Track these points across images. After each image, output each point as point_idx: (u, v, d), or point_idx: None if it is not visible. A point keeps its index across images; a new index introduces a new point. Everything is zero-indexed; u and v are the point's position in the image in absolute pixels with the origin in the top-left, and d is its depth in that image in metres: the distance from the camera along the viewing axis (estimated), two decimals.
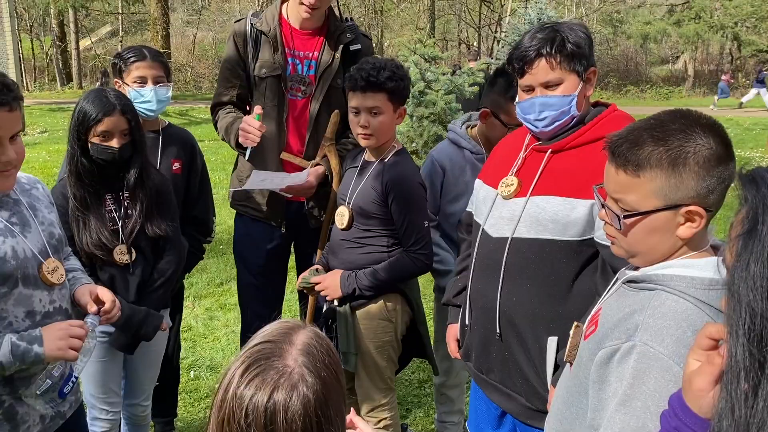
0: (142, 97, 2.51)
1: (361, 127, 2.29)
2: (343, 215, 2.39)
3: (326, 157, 2.61)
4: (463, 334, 2.11)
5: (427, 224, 2.35)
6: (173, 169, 2.65)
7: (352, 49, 2.65)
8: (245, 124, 2.54)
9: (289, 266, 2.99)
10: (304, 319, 2.67)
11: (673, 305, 1.19)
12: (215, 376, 3.68)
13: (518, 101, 1.88)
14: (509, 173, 1.93)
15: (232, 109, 2.73)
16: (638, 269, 1.32)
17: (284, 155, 2.67)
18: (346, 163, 2.59)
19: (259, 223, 2.80)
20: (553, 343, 1.81)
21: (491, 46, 26.14)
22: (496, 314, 1.90)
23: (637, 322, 1.21)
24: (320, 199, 2.70)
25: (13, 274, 1.63)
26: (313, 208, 2.73)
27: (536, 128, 1.85)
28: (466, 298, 2.06)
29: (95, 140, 2.15)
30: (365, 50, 2.70)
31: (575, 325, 1.49)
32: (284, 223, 2.77)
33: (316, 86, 2.64)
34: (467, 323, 2.05)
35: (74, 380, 1.76)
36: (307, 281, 2.48)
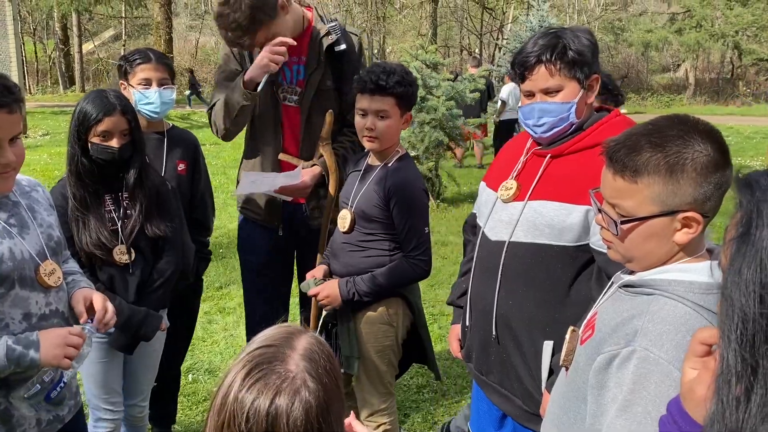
0: (146, 98, 2.52)
1: (367, 129, 2.30)
2: (345, 218, 2.39)
3: (323, 157, 2.62)
4: (464, 335, 2.13)
5: (427, 230, 2.35)
6: (178, 170, 2.65)
7: (336, 50, 2.64)
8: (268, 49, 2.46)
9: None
10: (304, 324, 2.66)
11: (672, 310, 1.19)
12: (213, 379, 3.67)
13: (520, 105, 1.90)
14: (509, 177, 1.94)
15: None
16: (634, 273, 1.33)
17: (282, 156, 2.68)
18: (348, 166, 2.60)
19: (259, 224, 2.82)
20: (548, 347, 1.81)
21: (493, 53, 26.20)
22: (493, 317, 1.91)
23: (636, 327, 1.21)
24: (320, 199, 2.71)
25: (9, 275, 1.62)
26: (314, 209, 2.74)
27: (535, 134, 1.87)
28: (467, 299, 2.07)
29: (95, 140, 2.15)
30: (351, 48, 2.68)
31: (571, 329, 1.49)
32: (282, 225, 2.77)
33: (305, 90, 2.65)
34: (467, 325, 2.07)
35: (62, 386, 1.75)
36: (309, 286, 2.48)
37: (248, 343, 1.06)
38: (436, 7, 24.85)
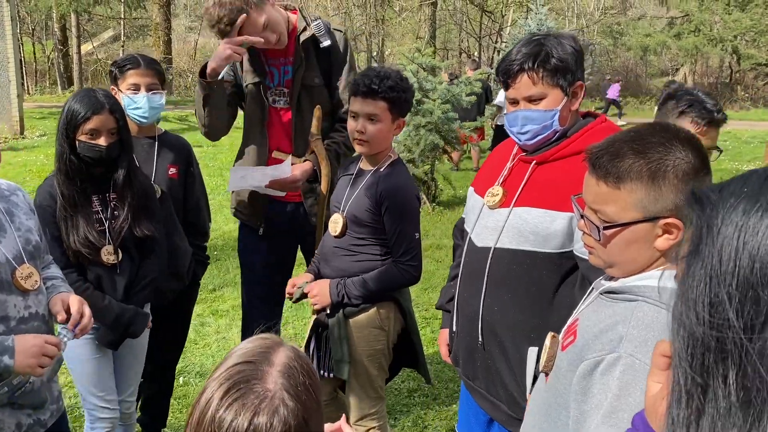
0: (134, 103, 2.54)
1: (357, 132, 2.30)
2: (337, 222, 2.39)
3: (314, 153, 2.63)
4: (452, 339, 2.13)
5: (417, 236, 2.35)
6: (169, 173, 2.67)
7: (321, 46, 2.68)
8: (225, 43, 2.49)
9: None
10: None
11: (656, 316, 1.19)
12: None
13: (505, 113, 1.90)
14: (495, 183, 1.94)
15: None
16: (614, 279, 1.33)
17: (276, 153, 2.72)
18: (340, 170, 2.60)
19: (247, 224, 2.87)
20: (533, 353, 1.80)
21: (491, 56, 26.22)
22: (479, 323, 1.91)
23: (620, 333, 1.20)
24: (318, 196, 2.72)
25: None
26: (313, 206, 2.76)
27: (519, 141, 1.87)
28: (454, 304, 2.07)
29: (83, 138, 2.16)
30: (335, 45, 2.72)
31: (551, 335, 1.49)
32: (262, 224, 2.80)
33: (292, 89, 2.68)
34: (455, 330, 2.07)
35: (26, 388, 1.75)
36: (300, 291, 2.48)
37: (226, 356, 1.05)
38: (435, 10, 24.83)
